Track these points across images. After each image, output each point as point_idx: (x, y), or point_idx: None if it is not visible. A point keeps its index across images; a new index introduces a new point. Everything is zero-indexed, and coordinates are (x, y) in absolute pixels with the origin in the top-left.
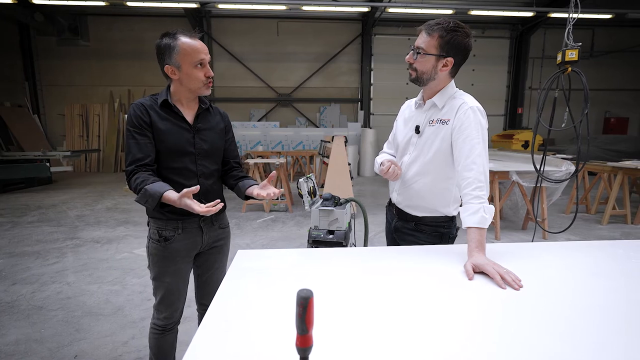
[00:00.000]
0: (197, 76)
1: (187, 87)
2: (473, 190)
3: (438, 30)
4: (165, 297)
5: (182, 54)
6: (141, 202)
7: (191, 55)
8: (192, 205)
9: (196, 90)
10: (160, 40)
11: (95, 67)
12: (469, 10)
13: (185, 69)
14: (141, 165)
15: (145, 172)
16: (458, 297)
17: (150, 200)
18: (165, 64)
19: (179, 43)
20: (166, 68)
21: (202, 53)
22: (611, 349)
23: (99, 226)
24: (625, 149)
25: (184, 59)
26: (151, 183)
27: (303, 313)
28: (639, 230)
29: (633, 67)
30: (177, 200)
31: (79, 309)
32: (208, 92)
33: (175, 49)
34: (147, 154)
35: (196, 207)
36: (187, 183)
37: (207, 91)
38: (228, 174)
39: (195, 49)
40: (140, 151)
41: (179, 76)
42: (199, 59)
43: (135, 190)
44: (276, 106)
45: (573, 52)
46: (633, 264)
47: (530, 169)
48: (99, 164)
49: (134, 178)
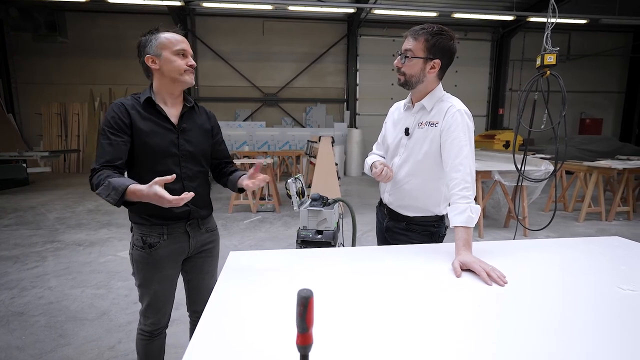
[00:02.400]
0: (177, 62)
1: (169, 76)
2: (460, 191)
3: (423, 34)
4: (152, 304)
5: (162, 42)
6: (102, 196)
7: (172, 43)
8: (162, 194)
9: (178, 78)
10: (141, 38)
11: (74, 65)
12: (452, 13)
13: (166, 55)
14: (109, 166)
15: (111, 170)
16: (447, 294)
17: (114, 193)
18: (145, 54)
19: (159, 35)
20: (147, 58)
21: (183, 43)
22: (592, 336)
23: (80, 229)
24: (599, 148)
25: (164, 47)
26: (116, 178)
27: (304, 312)
28: (612, 227)
29: (606, 70)
30: (145, 190)
31: (62, 314)
32: (191, 80)
33: (156, 39)
34: (118, 157)
35: (166, 196)
36: (170, 186)
37: (190, 78)
38: (220, 172)
39: (175, 38)
40: (112, 153)
41: (159, 65)
42: (180, 48)
43: (98, 185)
44: (262, 106)
45: (551, 56)
46: (607, 259)
47: (511, 169)
48: (79, 165)
49: (97, 174)
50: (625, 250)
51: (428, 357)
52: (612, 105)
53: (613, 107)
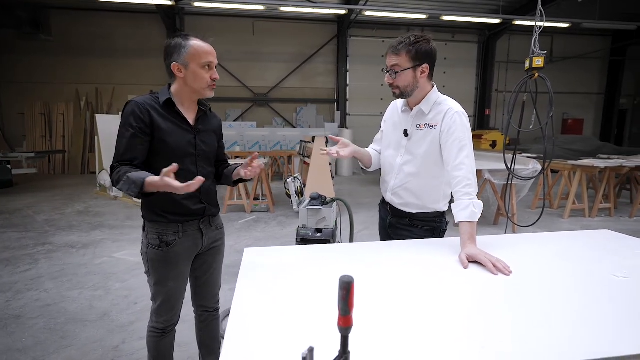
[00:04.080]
0: (203, 76)
1: (191, 87)
2: (463, 188)
3: (404, 48)
4: (166, 301)
5: (191, 53)
6: (124, 190)
7: (200, 56)
8: (171, 183)
9: (200, 91)
10: (171, 40)
11: (59, 64)
12: (441, 15)
13: (193, 68)
14: (127, 165)
15: (129, 167)
16: (456, 284)
17: (133, 187)
18: (172, 61)
19: (190, 43)
20: (173, 65)
21: (212, 55)
22: (595, 319)
23: (71, 231)
24: (582, 148)
25: (192, 58)
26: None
27: (346, 296)
28: (595, 223)
29: (586, 72)
30: (159, 180)
31: (61, 315)
32: (211, 95)
33: (186, 48)
34: (135, 156)
35: (175, 184)
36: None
37: (211, 93)
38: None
39: (205, 50)
40: (130, 152)
41: (185, 75)
42: (208, 61)
43: (118, 181)
44: (252, 106)
45: (539, 59)
46: (600, 250)
47: (501, 168)
48: (65, 166)
49: (116, 171)
50: (616, 242)
51: (446, 338)
52: (592, 106)
53: (593, 107)
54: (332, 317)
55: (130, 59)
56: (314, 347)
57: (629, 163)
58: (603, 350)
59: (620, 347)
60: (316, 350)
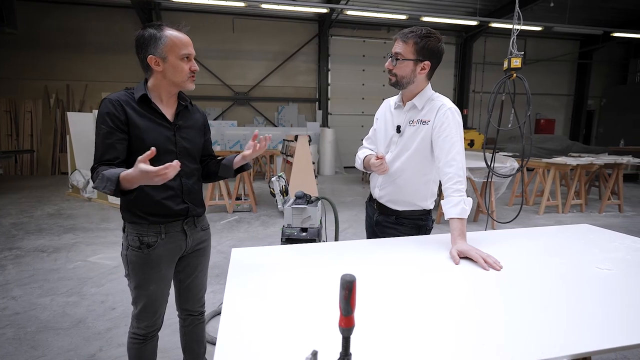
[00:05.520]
0: (182, 68)
1: (171, 80)
2: (454, 184)
3: (413, 37)
4: (148, 305)
5: (169, 44)
6: (101, 189)
7: (179, 47)
8: (147, 168)
9: (180, 84)
10: (144, 31)
11: (26, 59)
12: (421, 16)
13: (172, 60)
14: (107, 165)
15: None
16: (449, 280)
17: (109, 184)
18: (148, 54)
19: (166, 34)
20: (150, 58)
21: (190, 46)
22: (581, 309)
23: (41, 234)
24: (554, 146)
25: (171, 50)
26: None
27: (349, 295)
28: (568, 218)
29: (557, 74)
30: (133, 172)
31: (31, 324)
32: (192, 87)
33: (162, 39)
34: (116, 156)
35: (150, 169)
36: (169, 183)
37: (192, 85)
38: (207, 166)
39: (183, 41)
40: (109, 151)
41: (163, 68)
42: (187, 52)
43: (94, 181)
44: (233, 105)
45: (517, 59)
46: (582, 244)
47: (481, 166)
48: (33, 167)
49: (96, 172)
50: (596, 236)
51: (445, 335)
52: (563, 106)
53: (563, 108)
54: (329, 317)
55: (103, 55)
56: (317, 351)
57: (598, 161)
58: (596, 343)
59: (614, 339)
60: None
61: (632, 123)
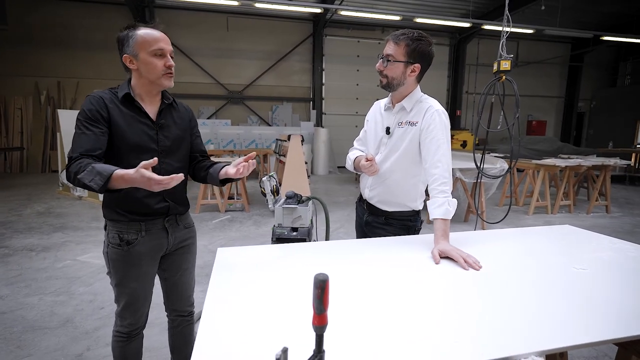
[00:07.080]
0: (155, 65)
1: (147, 78)
2: (439, 186)
3: (404, 40)
4: (130, 304)
5: (139, 41)
6: (86, 181)
7: (149, 43)
8: (150, 175)
9: (156, 82)
10: (120, 32)
11: (16, 55)
12: (415, 17)
13: (143, 57)
14: (88, 156)
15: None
16: (429, 278)
17: (98, 178)
18: (123, 54)
19: (137, 32)
20: (124, 57)
21: (162, 42)
22: (556, 308)
23: (30, 233)
24: (544, 148)
25: (141, 47)
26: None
27: (321, 294)
28: (556, 219)
29: (548, 76)
30: (133, 173)
31: (17, 324)
32: (170, 84)
33: (133, 37)
34: (97, 147)
35: (155, 176)
36: None
37: (169, 82)
38: (196, 167)
39: (153, 37)
40: (90, 143)
41: (137, 65)
42: (157, 47)
43: (78, 172)
44: (227, 104)
45: (506, 62)
46: (561, 244)
47: (470, 167)
48: (23, 164)
49: (77, 162)
50: (575, 237)
51: (420, 333)
52: (553, 108)
53: (554, 110)
54: (307, 316)
55: (96, 53)
56: (287, 348)
57: (586, 162)
58: (568, 339)
59: (585, 335)
60: (290, 349)
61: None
